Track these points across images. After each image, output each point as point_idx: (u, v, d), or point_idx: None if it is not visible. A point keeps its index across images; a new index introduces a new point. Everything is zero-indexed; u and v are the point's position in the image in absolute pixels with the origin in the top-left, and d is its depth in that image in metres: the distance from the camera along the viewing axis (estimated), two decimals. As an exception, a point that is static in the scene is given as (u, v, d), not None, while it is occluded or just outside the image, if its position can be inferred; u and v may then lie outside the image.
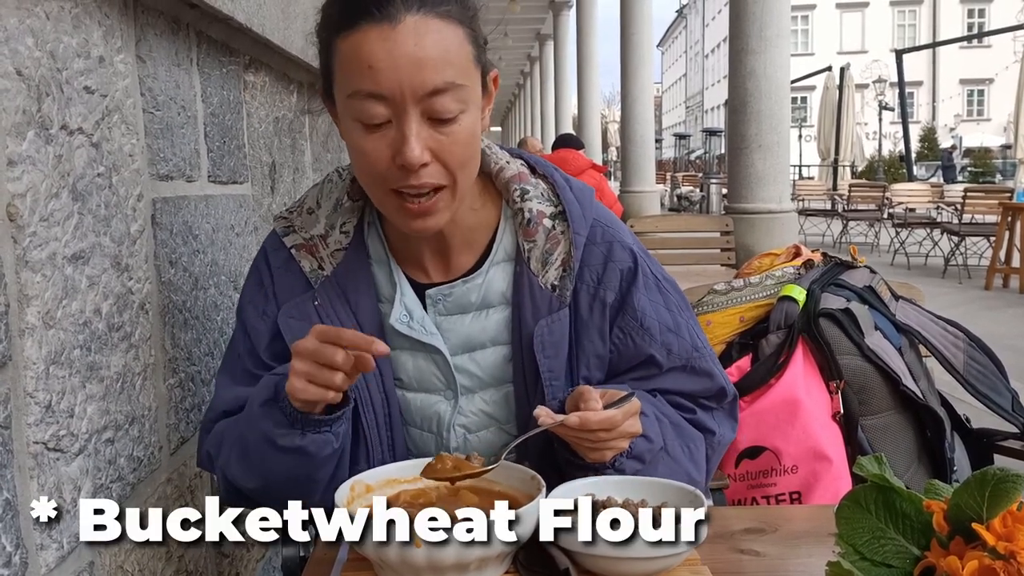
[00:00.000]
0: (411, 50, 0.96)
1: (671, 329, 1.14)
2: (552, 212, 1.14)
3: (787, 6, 5.60)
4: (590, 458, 1.03)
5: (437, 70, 0.97)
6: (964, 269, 8.99)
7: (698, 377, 1.17)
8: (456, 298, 1.13)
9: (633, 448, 1.05)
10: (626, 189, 11.43)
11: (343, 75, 1.01)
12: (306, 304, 1.12)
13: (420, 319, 1.13)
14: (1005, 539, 0.69)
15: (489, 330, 1.14)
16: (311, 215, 1.17)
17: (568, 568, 0.87)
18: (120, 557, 1.06)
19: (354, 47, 0.98)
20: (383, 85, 0.97)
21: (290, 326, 1.11)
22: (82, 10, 1.01)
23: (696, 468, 1.14)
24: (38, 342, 0.88)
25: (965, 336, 1.95)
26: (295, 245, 1.15)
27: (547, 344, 1.10)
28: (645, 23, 11.23)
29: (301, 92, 2.18)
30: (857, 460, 0.78)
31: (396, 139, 0.99)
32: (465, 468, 0.96)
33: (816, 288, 1.86)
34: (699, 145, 34.54)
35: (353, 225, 1.16)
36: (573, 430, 0.98)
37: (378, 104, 0.98)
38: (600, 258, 1.13)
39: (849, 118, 16.21)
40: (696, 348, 1.17)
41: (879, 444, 1.78)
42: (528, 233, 1.13)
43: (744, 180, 5.62)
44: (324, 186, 1.18)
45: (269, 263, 1.17)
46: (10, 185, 0.84)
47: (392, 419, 1.14)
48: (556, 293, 1.11)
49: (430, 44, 0.97)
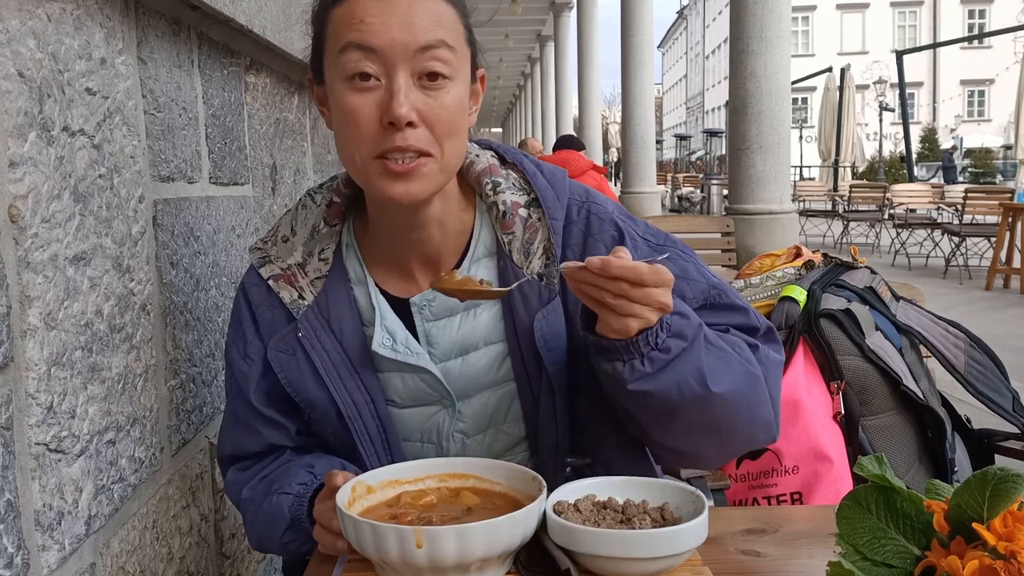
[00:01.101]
0: (404, 10, 0.98)
1: (678, 277, 1.04)
2: (526, 200, 1.12)
3: (788, 7, 5.61)
4: (613, 325, 0.93)
5: (429, 29, 0.99)
6: (965, 270, 8.99)
7: (723, 312, 1.10)
8: (441, 301, 1.11)
9: (671, 324, 0.95)
10: (627, 190, 11.45)
11: (334, 37, 1.01)
12: (290, 337, 1.11)
13: (404, 340, 1.11)
14: (1006, 539, 0.69)
15: (480, 330, 1.12)
16: (286, 243, 1.15)
17: (569, 569, 0.87)
18: (122, 558, 1.06)
19: (347, 9, 1.00)
20: (374, 37, 0.97)
21: (279, 361, 1.11)
22: (84, 12, 1.02)
23: (749, 363, 1.03)
24: (40, 343, 0.88)
25: (966, 336, 1.95)
26: (272, 276, 1.13)
27: (547, 336, 1.08)
28: (646, 24, 11.25)
29: (302, 93, 2.18)
30: (858, 460, 0.78)
31: (384, 98, 0.99)
32: (471, 284, 0.97)
33: (817, 289, 1.86)
34: (700, 146, 34.55)
35: (331, 251, 1.14)
36: (594, 276, 0.90)
37: (367, 58, 0.98)
38: (580, 236, 1.11)
39: (850, 119, 16.22)
40: (714, 286, 1.10)
41: (880, 444, 1.78)
42: (505, 226, 1.11)
43: (745, 181, 5.63)
44: (298, 212, 1.16)
45: (249, 301, 1.15)
46: (12, 186, 0.84)
47: (390, 440, 1.14)
48: (544, 282, 1.10)
49: (423, 9, 0.99)
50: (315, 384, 1.11)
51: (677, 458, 1.20)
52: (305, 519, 1.06)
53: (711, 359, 0.98)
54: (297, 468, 1.11)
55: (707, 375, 0.97)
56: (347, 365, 1.11)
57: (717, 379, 0.97)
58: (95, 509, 0.99)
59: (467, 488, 0.99)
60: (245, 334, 1.14)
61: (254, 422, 1.14)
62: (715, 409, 0.99)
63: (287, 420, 1.15)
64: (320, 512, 1.01)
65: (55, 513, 0.90)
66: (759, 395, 1.04)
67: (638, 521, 0.91)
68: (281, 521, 1.08)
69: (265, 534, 1.12)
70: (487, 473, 0.99)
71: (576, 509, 0.93)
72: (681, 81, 62.56)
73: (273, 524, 1.09)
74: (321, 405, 1.11)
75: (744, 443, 1.10)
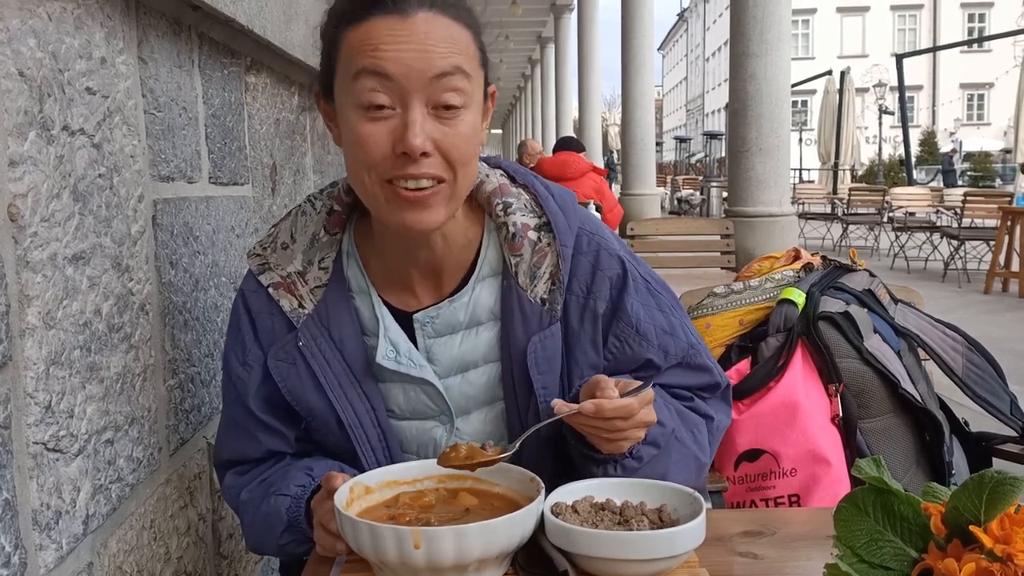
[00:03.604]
0: (420, 38, 0.97)
1: (666, 331, 1.14)
2: (536, 224, 1.12)
3: (788, 10, 5.61)
4: (606, 449, 1.02)
5: (444, 56, 0.98)
6: (963, 273, 8.99)
7: (694, 372, 1.17)
8: (444, 319, 1.11)
9: (648, 434, 1.04)
10: (626, 192, 11.44)
11: (348, 60, 1.00)
12: (291, 346, 1.11)
13: (407, 352, 1.11)
14: (1002, 542, 0.69)
15: (480, 348, 1.12)
16: (286, 250, 1.13)
17: (567, 570, 0.87)
18: (119, 558, 1.06)
19: (363, 34, 0.98)
20: (389, 65, 0.96)
21: (279, 370, 1.11)
22: (84, 11, 1.02)
23: (702, 451, 1.15)
24: (38, 342, 0.88)
25: (964, 340, 1.95)
26: (272, 283, 1.12)
27: (540, 360, 1.09)
28: (646, 26, 11.24)
29: (302, 94, 2.18)
30: (855, 463, 0.78)
31: (398, 127, 0.98)
32: (478, 456, 0.96)
33: (815, 291, 1.86)
34: (699, 148, 34.54)
35: (332, 259, 1.13)
36: (588, 418, 0.96)
37: (382, 86, 0.97)
38: (588, 268, 1.12)
39: (849, 122, 16.22)
40: (691, 345, 1.17)
41: (878, 447, 1.78)
42: (514, 248, 1.10)
43: (744, 183, 5.63)
44: (298, 218, 1.15)
45: (249, 308, 1.14)
46: (11, 185, 0.84)
47: (391, 450, 1.14)
48: (547, 307, 1.09)
49: (439, 36, 0.98)
50: (315, 393, 1.10)
51: None
52: (303, 520, 1.05)
53: (674, 460, 1.09)
54: (295, 471, 1.11)
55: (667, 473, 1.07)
56: (348, 374, 1.11)
57: (673, 478, 1.05)
58: (93, 509, 0.99)
59: (465, 489, 0.99)
60: (244, 341, 1.14)
61: (253, 429, 1.14)
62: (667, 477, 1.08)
63: (286, 427, 1.15)
64: (320, 514, 1.00)
65: (53, 512, 0.90)
66: (701, 478, 1.19)
67: (636, 523, 0.91)
68: (278, 523, 1.08)
69: (263, 536, 1.11)
70: (485, 474, 0.99)
71: (574, 510, 0.93)
72: (681, 83, 62.59)
73: (271, 526, 1.09)
74: (322, 414, 1.11)
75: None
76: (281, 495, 1.08)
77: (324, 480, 1.00)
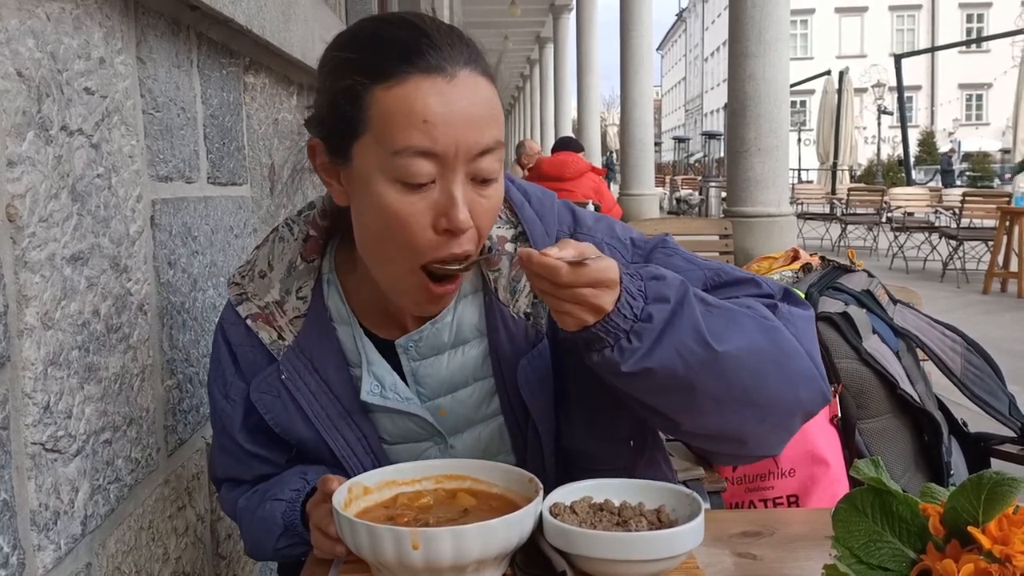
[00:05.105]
0: (466, 106, 0.91)
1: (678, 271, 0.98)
2: (513, 235, 1.07)
3: (786, 10, 5.61)
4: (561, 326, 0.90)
5: (488, 128, 0.93)
6: (962, 273, 9.00)
7: (729, 288, 1.02)
8: (427, 341, 1.07)
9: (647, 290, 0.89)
10: (625, 192, 11.45)
11: (388, 129, 0.91)
12: (273, 378, 1.08)
13: (392, 386, 1.07)
14: (1001, 542, 0.69)
15: (468, 367, 1.08)
16: (263, 279, 1.09)
17: (565, 571, 0.87)
18: (117, 559, 1.06)
19: (404, 99, 0.90)
20: (439, 142, 0.90)
21: (264, 402, 1.09)
22: (83, 11, 1.01)
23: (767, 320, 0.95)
24: (36, 343, 0.88)
25: (963, 340, 1.96)
26: (250, 315, 1.09)
27: (532, 381, 1.04)
28: (645, 26, 11.25)
29: (301, 94, 2.18)
30: (854, 463, 0.78)
31: (441, 201, 0.92)
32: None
33: (814, 292, 1.87)
34: (698, 148, 34.57)
35: (310, 288, 1.09)
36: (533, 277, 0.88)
37: (427, 162, 0.91)
38: None
39: (848, 122, 16.23)
40: (709, 268, 1.05)
41: (876, 447, 1.78)
42: (491, 263, 1.05)
43: (743, 183, 5.63)
44: (275, 245, 1.11)
45: (228, 341, 1.11)
46: (9, 186, 0.84)
47: None
48: (531, 322, 1.05)
49: (481, 101, 0.93)
50: (304, 425, 1.09)
51: (724, 445, 1.04)
52: (299, 524, 1.05)
53: (710, 319, 0.90)
54: (291, 475, 1.11)
55: (707, 334, 0.89)
56: (336, 405, 1.08)
57: (721, 337, 0.90)
58: (91, 509, 0.99)
59: (464, 489, 0.99)
60: (225, 375, 1.12)
61: (243, 458, 1.14)
62: (732, 371, 0.91)
63: (275, 455, 1.14)
64: (316, 517, 1.00)
65: (51, 513, 0.90)
66: (784, 347, 0.95)
67: (634, 523, 0.91)
68: (275, 527, 1.07)
69: (260, 541, 1.11)
70: (484, 475, 0.99)
71: (572, 511, 0.93)
72: (680, 83, 62.62)
73: (267, 531, 1.08)
74: (312, 444, 1.10)
75: (789, 407, 0.98)
76: (276, 500, 1.08)
77: (319, 483, 0.99)
